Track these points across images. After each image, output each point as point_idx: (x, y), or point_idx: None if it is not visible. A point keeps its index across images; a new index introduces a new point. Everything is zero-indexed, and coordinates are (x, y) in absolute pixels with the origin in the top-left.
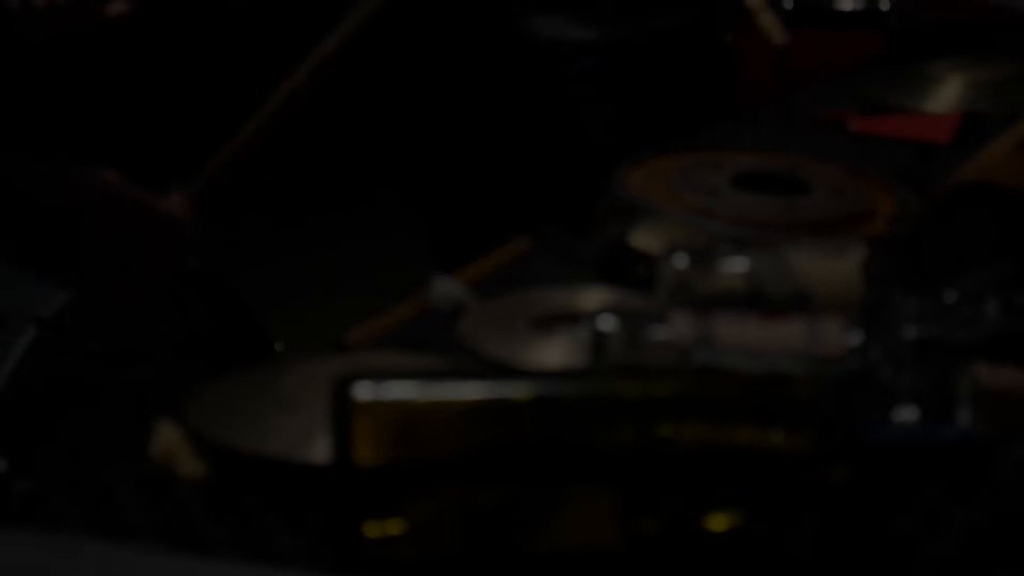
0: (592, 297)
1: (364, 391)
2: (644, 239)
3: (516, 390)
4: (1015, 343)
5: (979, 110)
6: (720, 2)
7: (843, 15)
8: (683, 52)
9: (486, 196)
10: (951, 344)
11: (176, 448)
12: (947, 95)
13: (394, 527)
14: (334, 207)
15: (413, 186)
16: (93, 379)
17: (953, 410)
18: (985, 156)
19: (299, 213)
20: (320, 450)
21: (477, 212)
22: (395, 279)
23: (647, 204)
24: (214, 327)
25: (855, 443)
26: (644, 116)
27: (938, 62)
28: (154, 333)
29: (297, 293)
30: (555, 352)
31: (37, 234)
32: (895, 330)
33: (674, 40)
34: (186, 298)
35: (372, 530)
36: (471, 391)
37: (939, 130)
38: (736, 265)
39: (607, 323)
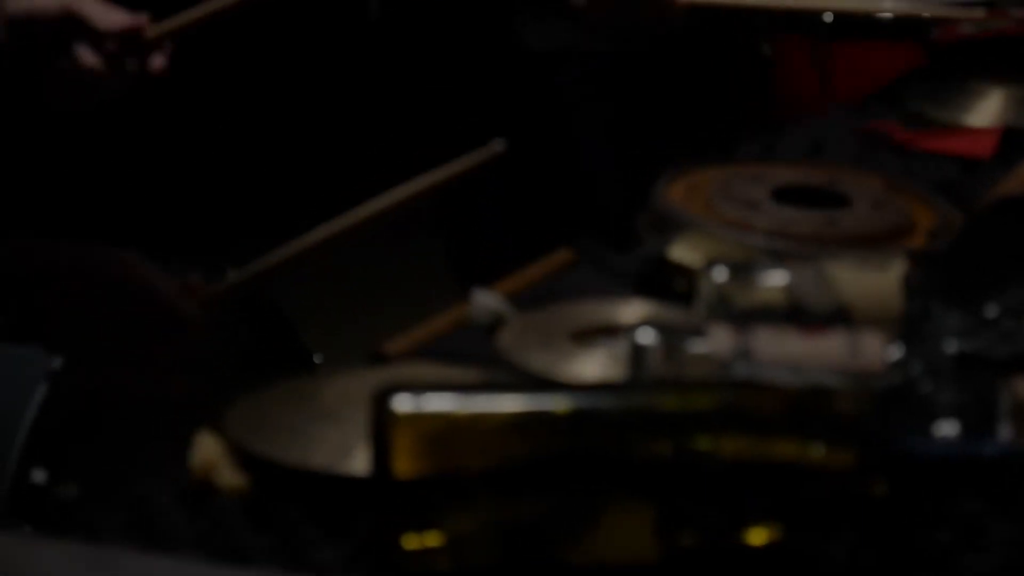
0: (631, 310)
1: (403, 403)
2: (683, 252)
3: (555, 403)
4: None
5: (1020, 125)
6: (756, 15)
7: (884, 28)
8: (699, 61)
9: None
10: (992, 358)
11: (216, 460)
12: (988, 109)
13: (432, 539)
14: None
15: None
16: (133, 390)
17: (994, 424)
18: None
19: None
20: (359, 462)
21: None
22: (433, 290)
23: (686, 217)
24: (253, 339)
25: (895, 457)
26: (663, 125)
27: (980, 76)
28: (194, 345)
29: (336, 304)
30: (594, 365)
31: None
32: (936, 344)
33: (686, 49)
34: (225, 310)
35: (411, 542)
36: (510, 403)
37: (980, 144)
38: (776, 279)
39: (646, 336)
